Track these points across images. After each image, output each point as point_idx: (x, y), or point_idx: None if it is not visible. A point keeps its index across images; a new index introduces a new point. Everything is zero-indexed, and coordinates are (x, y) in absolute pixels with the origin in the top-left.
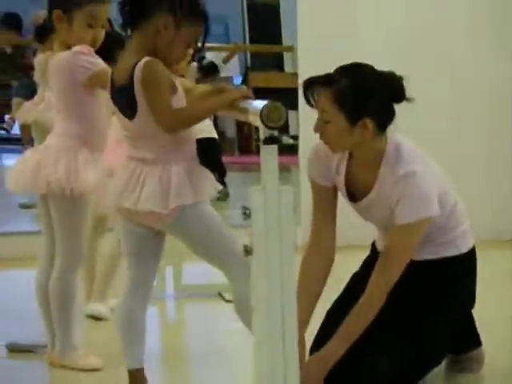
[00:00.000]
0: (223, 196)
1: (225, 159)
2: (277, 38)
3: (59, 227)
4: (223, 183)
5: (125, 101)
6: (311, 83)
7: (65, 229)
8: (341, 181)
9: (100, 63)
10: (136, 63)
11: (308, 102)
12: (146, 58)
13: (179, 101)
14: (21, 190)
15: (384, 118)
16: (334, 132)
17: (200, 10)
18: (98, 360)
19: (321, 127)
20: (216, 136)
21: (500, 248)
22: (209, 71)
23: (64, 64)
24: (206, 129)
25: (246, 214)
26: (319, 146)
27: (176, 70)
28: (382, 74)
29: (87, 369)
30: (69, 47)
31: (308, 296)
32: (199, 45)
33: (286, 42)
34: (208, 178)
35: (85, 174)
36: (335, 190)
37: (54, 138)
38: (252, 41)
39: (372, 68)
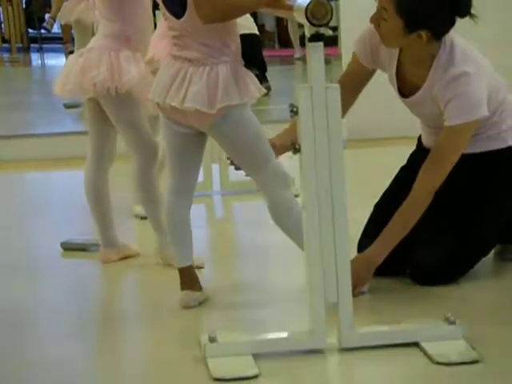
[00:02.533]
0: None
1: (265, 53)
2: None
3: (120, 127)
4: (265, 79)
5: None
6: None
7: (125, 126)
8: (392, 74)
9: None
10: None
11: None
12: None
13: None
14: (68, 94)
15: (441, 29)
16: (388, 30)
17: None
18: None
19: (377, 20)
20: (257, 32)
21: None
22: None
23: None
24: (247, 24)
25: (294, 111)
26: (371, 32)
27: None
28: None
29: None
30: None
31: None
32: None
33: None
34: (253, 80)
35: (127, 72)
36: (371, 73)
37: (97, 40)
38: None
39: None
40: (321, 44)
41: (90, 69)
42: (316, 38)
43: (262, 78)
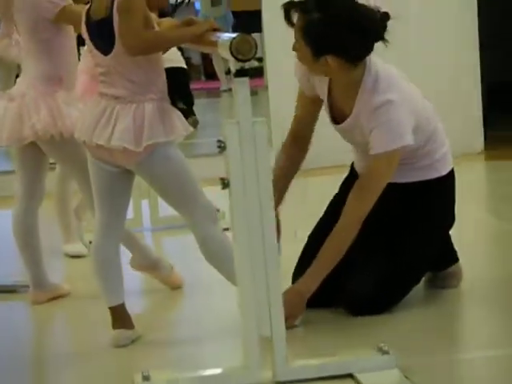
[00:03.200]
0: (192, 123)
1: (192, 85)
2: None
3: (68, 168)
4: (192, 112)
5: (102, 35)
6: (290, 5)
7: (73, 167)
8: (324, 101)
9: None
10: None
11: (288, 22)
12: None
13: None
14: (4, 142)
15: (353, 54)
16: (302, 58)
17: None
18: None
19: (294, 49)
20: (184, 65)
21: (471, 160)
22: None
23: (31, 1)
24: (174, 58)
25: (222, 147)
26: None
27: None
28: (361, 10)
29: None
30: None
31: (284, 178)
32: None
33: None
34: (179, 118)
35: (69, 115)
36: (319, 100)
37: (26, 81)
38: None
39: (353, 3)
40: (246, 79)
41: (29, 115)
42: (241, 73)
43: (189, 112)
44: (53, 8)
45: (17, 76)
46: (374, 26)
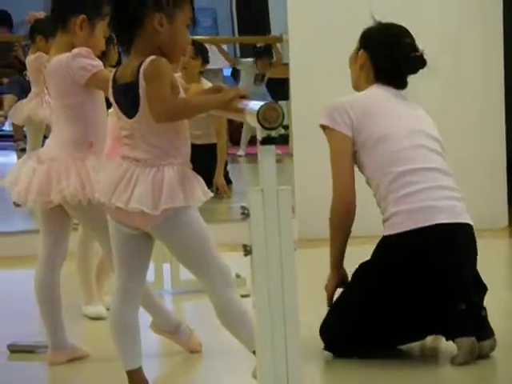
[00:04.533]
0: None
1: None
2: (265, 29)
3: (96, 232)
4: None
5: (127, 99)
6: None
7: (101, 231)
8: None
9: (99, 65)
10: (142, 62)
11: None
12: (152, 57)
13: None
14: (31, 204)
15: (377, 64)
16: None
17: None
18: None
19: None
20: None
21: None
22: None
23: (64, 65)
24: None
25: (245, 213)
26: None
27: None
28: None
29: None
30: (67, 50)
31: (346, 237)
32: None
33: (274, 31)
34: (199, 184)
35: (96, 182)
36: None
37: (57, 145)
38: (240, 32)
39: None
40: (272, 147)
41: (58, 179)
42: (268, 141)
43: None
44: (85, 74)
45: (45, 137)
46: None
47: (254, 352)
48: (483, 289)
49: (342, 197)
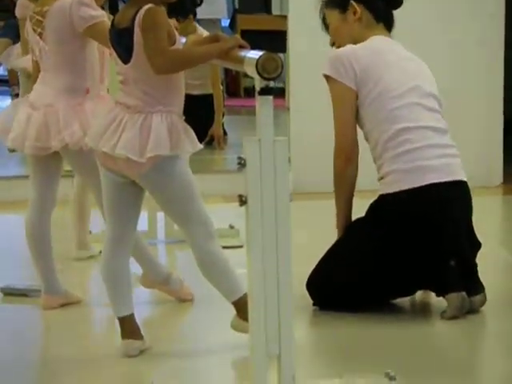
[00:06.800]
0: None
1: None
2: None
3: (83, 176)
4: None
5: (122, 44)
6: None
7: (88, 174)
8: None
9: (99, 15)
10: (139, 9)
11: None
12: (149, 5)
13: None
14: (29, 150)
15: (375, 8)
16: (335, 30)
17: None
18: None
19: (331, 38)
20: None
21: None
22: None
23: (66, 10)
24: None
25: (242, 163)
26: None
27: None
28: None
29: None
30: None
31: (350, 200)
32: None
33: None
34: (188, 135)
35: None
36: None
37: (51, 92)
38: None
39: None
40: (270, 97)
41: (58, 127)
42: (266, 91)
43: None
44: (83, 24)
45: None
46: None
47: (233, 303)
48: (477, 245)
49: (341, 150)
